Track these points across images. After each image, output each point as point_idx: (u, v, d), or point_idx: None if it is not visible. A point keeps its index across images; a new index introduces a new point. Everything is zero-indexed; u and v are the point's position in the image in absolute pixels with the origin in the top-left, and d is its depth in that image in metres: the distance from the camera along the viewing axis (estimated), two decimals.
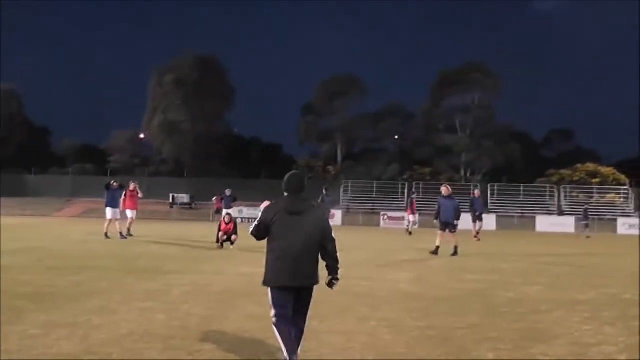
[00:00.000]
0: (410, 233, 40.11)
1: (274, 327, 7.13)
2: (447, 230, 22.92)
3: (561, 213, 61.19)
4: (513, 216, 58.38)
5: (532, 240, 37.23)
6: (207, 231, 34.12)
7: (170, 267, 16.83)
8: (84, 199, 73.96)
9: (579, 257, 24.44)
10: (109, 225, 27.99)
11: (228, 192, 41.30)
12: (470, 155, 76.19)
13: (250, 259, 18.99)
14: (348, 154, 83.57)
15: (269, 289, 7.15)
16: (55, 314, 9.88)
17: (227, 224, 23.54)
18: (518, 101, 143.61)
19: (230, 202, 41.04)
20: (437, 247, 22.68)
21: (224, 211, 27.81)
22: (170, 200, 69.96)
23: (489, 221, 54.65)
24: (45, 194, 75.81)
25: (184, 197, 70.54)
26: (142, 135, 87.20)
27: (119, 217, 28.38)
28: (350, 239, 31.26)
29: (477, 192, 36.09)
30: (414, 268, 18.14)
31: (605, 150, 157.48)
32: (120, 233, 27.47)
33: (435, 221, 23.63)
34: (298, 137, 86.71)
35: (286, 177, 7.55)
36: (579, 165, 72.27)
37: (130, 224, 29.46)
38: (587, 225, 44.95)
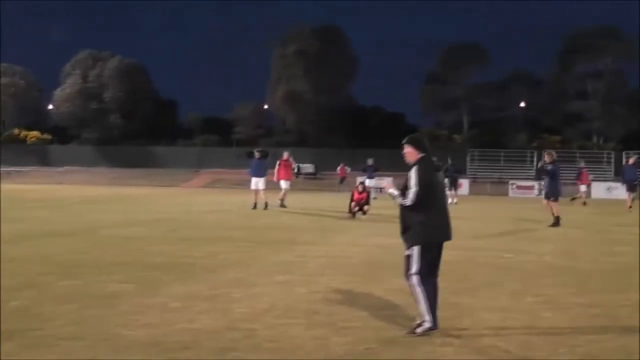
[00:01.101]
0: (584, 203, 37.82)
1: (417, 285, 7.08)
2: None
3: None
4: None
5: None
6: (333, 201, 33.80)
7: (303, 238, 16.48)
8: (211, 170, 75.06)
9: None
10: (256, 195, 26.96)
11: (370, 162, 40.75)
12: (602, 122, 73.13)
13: (385, 230, 18.38)
14: (473, 123, 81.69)
15: (415, 247, 7.06)
16: (193, 286, 9.61)
17: (360, 193, 22.98)
18: None
19: (373, 172, 40.56)
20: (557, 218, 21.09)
21: (359, 179, 26.71)
22: (295, 170, 70.12)
23: (622, 190, 52.23)
24: (172, 165, 77.26)
25: (308, 167, 70.54)
26: (265, 106, 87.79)
27: (261, 187, 26.93)
28: (481, 208, 30.27)
29: (631, 160, 32.88)
30: (556, 239, 17.13)
31: None
32: (258, 204, 26.73)
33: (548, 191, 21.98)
34: (421, 107, 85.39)
35: (417, 136, 7.66)
36: None
37: (285, 194, 28.34)
38: None
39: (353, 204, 22.78)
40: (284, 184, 28.36)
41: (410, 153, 7.29)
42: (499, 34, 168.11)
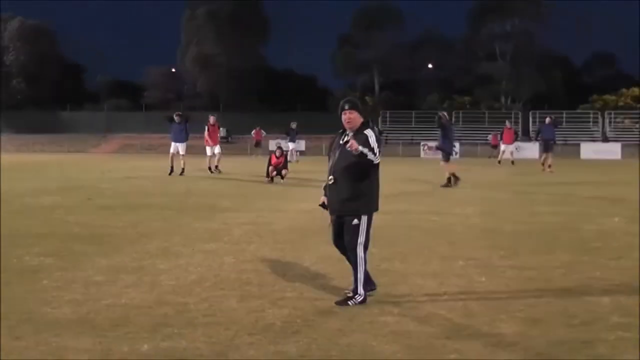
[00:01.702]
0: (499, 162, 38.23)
1: (362, 257, 7.00)
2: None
3: (606, 140, 59.78)
4: (557, 144, 56.88)
5: (582, 169, 36.04)
6: (249, 165, 33.51)
7: (224, 204, 16.12)
8: (120, 135, 73.68)
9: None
10: (172, 160, 26.42)
11: (293, 125, 40.47)
12: (511, 83, 74.44)
13: (307, 195, 18.21)
14: (385, 85, 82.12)
15: (364, 217, 6.99)
16: (116, 257, 9.24)
17: (277, 157, 22.68)
18: (557, 25, 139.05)
19: (295, 135, 40.31)
20: (450, 178, 21.39)
21: (275, 143, 26.45)
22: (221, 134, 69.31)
23: (533, 151, 53.35)
24: (80, 130, 75.42)
25: (220, 131, 69.79)
26: (173, 70, 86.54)
27: (181, 152, 26.35)
28: (396, 171, 30.37)
29: (547, 119, 33.05)
30: (478, 201, 17.23)
31: None
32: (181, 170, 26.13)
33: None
34: (335, 69, 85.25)
35: (357, 101, 7.49)
36: (624, 90, 70.44)
37: (218, 160, 27.89)
38: None
39: (271, 168, 22.52)
40: (216, 149, 27.92)
41: (355, 118, 7.01)
42: None
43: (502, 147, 39.58)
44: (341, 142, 6.98)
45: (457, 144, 40.61)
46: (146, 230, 11.78)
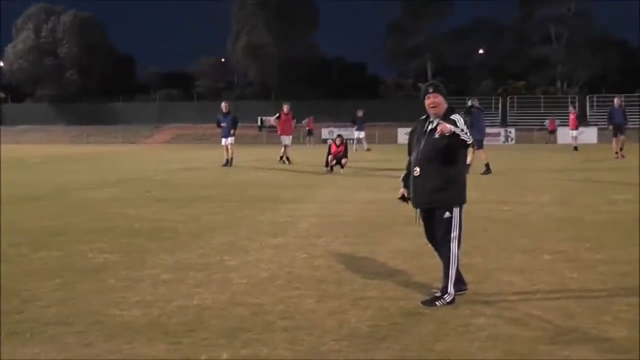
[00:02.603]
0: (576, 148, 37.21)
1: (455, 253, 6.47)
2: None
3: None
4: (628, 128, 55.39)
5: None
6: (305, 154, 33.11)
7: (286, 195, 15.69)
8: (172, 125, 73.89)
9: None
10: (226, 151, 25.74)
11: (360, 113, 39.74)
12: (566, 66, 72.90)
13: (369, 184, 17.87)
14: (437, 71, 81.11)
15: (456, 209, 6.48)
16: (182, 254, 8.84)
17: (337, 146, 22.15)
18: (614, 5, 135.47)
19: (362, 123, 39.62)
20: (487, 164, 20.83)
21: (335, 132, 25.66)
22: (259, 123, 69.14)
23: (590, 135, 52.22)
24: (133, 121, 75.79)
25: (271, 120, 69.50)
26: (222, 60, 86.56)
27: (228, 142, 25.59)
28: None
29: (616, 101, 30.59)
30: (549, 188, 16.49)
31: None
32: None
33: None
34: (385, 56, 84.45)
35: (441, 84, 6.73)
36: None
37: (286, 150, 27.10)
38: None
39: (330, 157, 21.99)
40: (285, 140, 27.19)
41: (440, 102, 6.43)
42: None
43: (572, 132, 38.52)
44: (425, 129, 6.46)
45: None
46: (209, 224, 11.38)
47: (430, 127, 6.36)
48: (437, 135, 6.22)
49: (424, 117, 6.60)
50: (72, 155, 35.09)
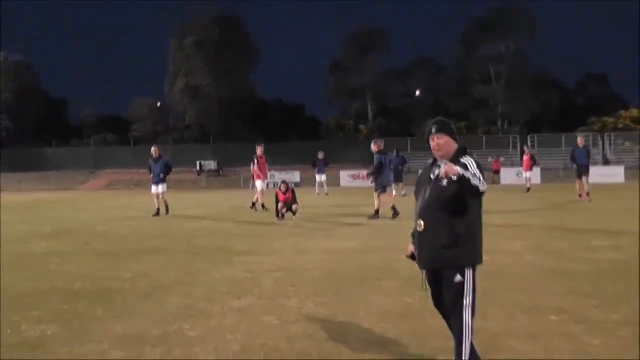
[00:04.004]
0: (529, 189, 36.25)
1: (470, 325, 5.22)
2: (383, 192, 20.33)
3: (606, 162, 58.44)
4: (558, 168, 55.61)
5: (600, 194, 34.40)
6: (246, 200, 31.98)
7: (239, 246, 14.40)
8: (108, 170, 72.04)
9: None
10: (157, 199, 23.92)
11: (321, 155, 38.19)
12: (507, 106, 73.29)
13: (326, 231, 16.78)
14: (379, 111, 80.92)
15: (469, 271, 5.21)
16: (134, 322, 7.63)
17: (284, 193, 20.95)
18: (549, 45, 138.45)
19: (324, 166, 38.15)
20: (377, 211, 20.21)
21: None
22: (198, 167, 67.80)
23: (534, 176, 52.00)
24: (67, 166, 73.69)
25: (211, 164, 68.27)
26: (159, 104, 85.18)
27: (159, 191, 23.82)
28: (407, 200, 28.84)
29: (579, 140, 28.59)
30: (520, 233, 15.50)
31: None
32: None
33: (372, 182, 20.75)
34: (327, 96, 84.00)
35: (448, 122, 5.60)
36: (622, 112, 69.36)
37: (261, 196, 24.95)
38: None
39: (280, 205, 20.79)
40: (261, 185, 24.97)
41: (447, 143, 5.40)
42: (402, 20, 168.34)
43: (526, 174, 37.89)
44: (432, 175, 5.39)
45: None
46: (160, 282, 10.13)
47: (438, 172, 5.27)
48: (444, 183, 5.15)
49: (432, 160, 5.53)
50: (3, 204, 33.19)
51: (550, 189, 38.85)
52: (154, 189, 24.01)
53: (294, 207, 20.77)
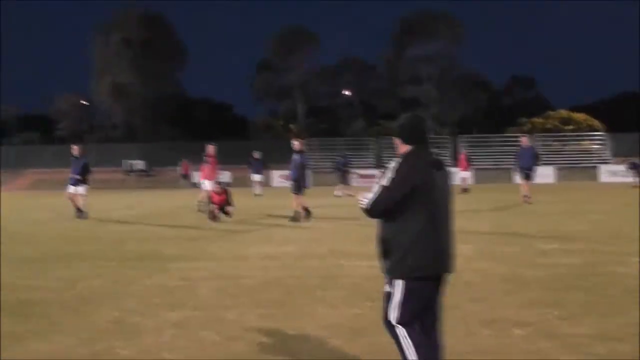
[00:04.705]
0: (466, 190, 35.45)
1: (405, 334, 4.86)
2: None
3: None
4: (489, 169, 55.77)
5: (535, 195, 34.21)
6: (179, 200, 31.12)
7: (171, 251, 13.62)
8: (32, 170, 69.92)
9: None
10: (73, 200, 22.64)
11: (257, 155, 37.23)
12: (438, 107, 73.52)
13: (263, 235, 16.14)
14: (309, 111, 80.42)
15: (398, 282, 4.86)
16: (59, 339, 6.94)
17: (219, 194, 20.20)
18: (477, 48, 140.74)
19: (260, 167, 37.22)
20: (297, 212, 19.58)
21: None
22: (126, 167, 66.21)
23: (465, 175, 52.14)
24: None
25: (139, 164, 66.73)
26: (82, 101, 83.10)
27: (78, 192, 22.43)
28: (332, 204, 28.40)
29: (524, 140, 27.13)
30: (467, 238, 14.48)
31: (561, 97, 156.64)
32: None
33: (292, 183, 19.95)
34: (254, 96, 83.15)
35: (405, 123, 5.15)
36: (550, 112, 70.13)
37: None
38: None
39: (214, 206, 20.02)
40: (208, 185, 22.91)
41: (398, 146, 5.12)
42: (329, 20, 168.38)
43: (463, 174, 37.35)
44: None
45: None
46: (88, 293, 9.37)
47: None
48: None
49: None
50: None
51: (485, 190, 38.72)
52: (71, 189, 22.72)
53: (228, 208, 20.05)
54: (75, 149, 22.91)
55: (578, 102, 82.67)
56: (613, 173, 51.69)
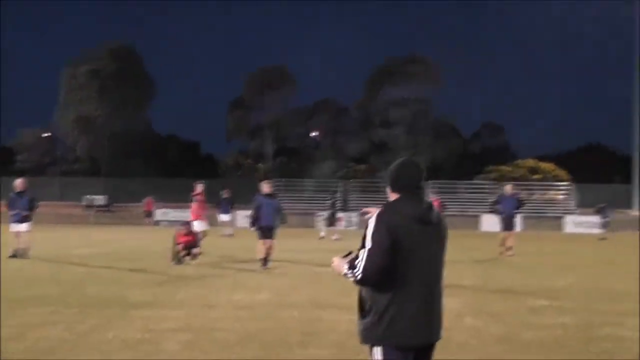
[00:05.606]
0: None
1: None
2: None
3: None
4: (455, 215, 55.27)
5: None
6: (141, 239, 30.08)
7: (135, 296, 12.61)
8: None
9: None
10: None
11: (226, 194, 35.72)
12: (407, 151, 73.19)
13: (234, 281, 15.19)
14: (279, 151, 79.79)
15: (376, 349, 4.42)
16: None
17: (186, 235, 19.18)
18: (450, 94, 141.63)
19: (229, 206, 35.59)
20: (265, 259, 18.23)
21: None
22: (85, 202, 64.70)
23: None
24: None
25: (100, 199, 65.27)
26: (45, 134, 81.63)
27: (22, 229, 20.91)
28: (306, 248, 27.54)
29: (507, 188, 25.70)
30: (450, 290, 13.94)
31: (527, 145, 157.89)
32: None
33: (252, 228, 18.70)
34: (226, 133, 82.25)
35: (397, 166, 4.70)
36: (519, 161, 70.16)
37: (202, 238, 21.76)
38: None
39: (180, 247, 18.93)
40: (200, 226, 22.13)
41: (388, 193, 4.66)
42: (308, 62, 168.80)
43: None
44: None
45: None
46: (43, 345, 8.45)
47: None
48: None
49: None
50: None
51: (456, 236, 37.92)
52: (14, 227, 21.20)
53: (194, 250, 19.06)
54: (20, 183, 21.56)
55: (544, 151, 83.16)
56: (578, 224, 51.53)
